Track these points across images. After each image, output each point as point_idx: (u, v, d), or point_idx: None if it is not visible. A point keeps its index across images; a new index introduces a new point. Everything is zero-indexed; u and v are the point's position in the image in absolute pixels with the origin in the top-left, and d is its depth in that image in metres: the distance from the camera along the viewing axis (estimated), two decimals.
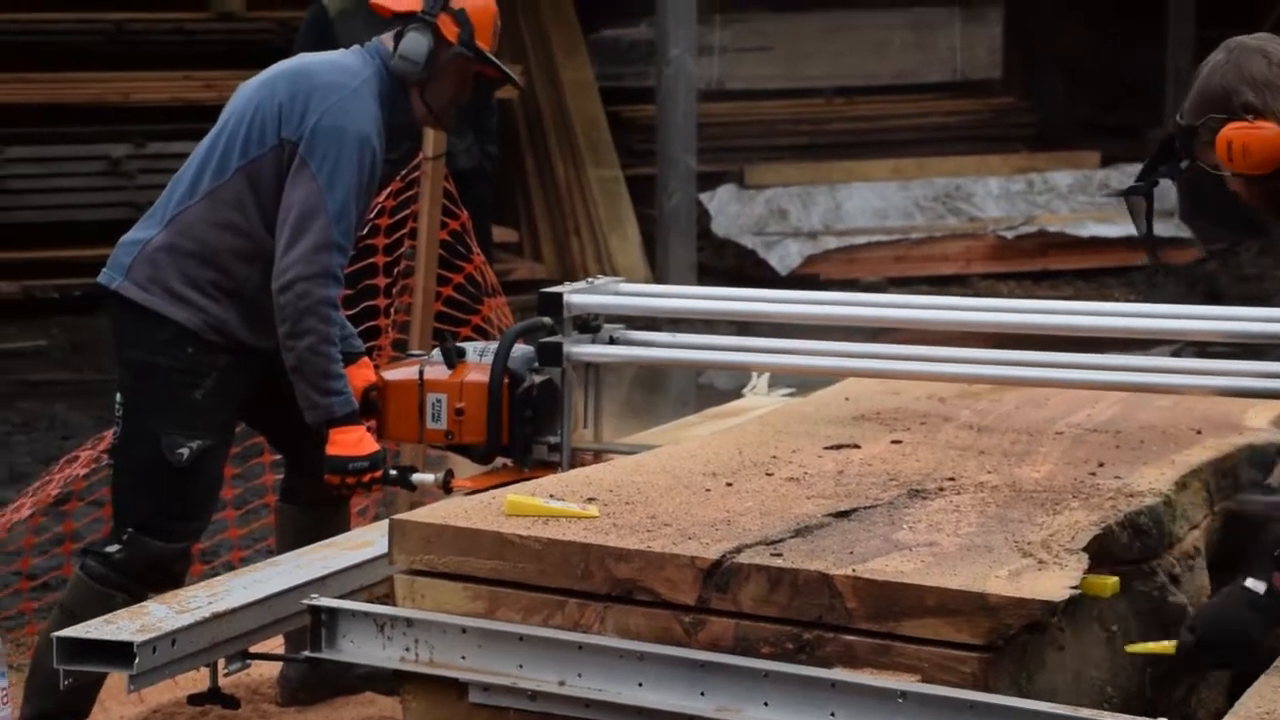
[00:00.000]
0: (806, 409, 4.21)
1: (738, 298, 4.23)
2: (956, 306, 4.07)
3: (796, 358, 4.07)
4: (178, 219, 3.99)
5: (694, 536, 3.07)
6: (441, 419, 4.03)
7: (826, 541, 3.05)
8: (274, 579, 3.52)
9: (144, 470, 3.94)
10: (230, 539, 5.58)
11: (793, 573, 2.90)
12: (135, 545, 3.94)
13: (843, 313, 4.06)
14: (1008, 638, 2.79)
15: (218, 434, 3.99)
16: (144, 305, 3.96)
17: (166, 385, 3.93)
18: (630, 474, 3.52)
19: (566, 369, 4.06)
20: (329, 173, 3.89)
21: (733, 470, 3.55)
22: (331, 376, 3.92)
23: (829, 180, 11.53)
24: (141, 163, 10.14)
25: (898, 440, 3.80)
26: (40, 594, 5.36)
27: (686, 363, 4.41)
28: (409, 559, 3.17)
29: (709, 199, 11.26)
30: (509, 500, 3.23)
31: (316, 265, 3.88)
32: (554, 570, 3.05)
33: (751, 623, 2.92)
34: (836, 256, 11.25)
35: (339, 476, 3.97)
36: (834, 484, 3.43)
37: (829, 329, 4.06)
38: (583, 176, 11.06)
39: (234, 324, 3.99)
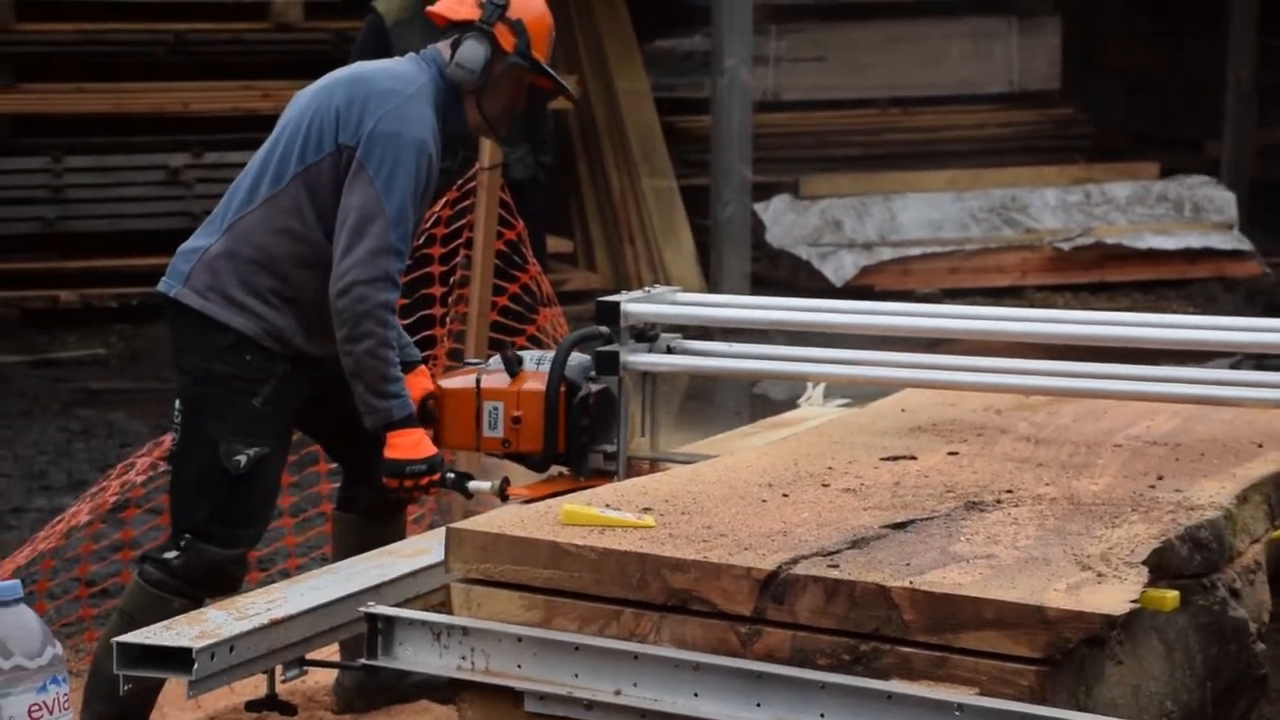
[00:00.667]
0: (862, 420, 4.20)
1: (794, 308, 4.22)
2: (1014, 317, 4.04)
3: (852, 368, 4.06)
4: (236, 226, 4.01)
5: (750, 547, 3.06)
6: (498, 427, 4.04)
7: (883, 553, 3.04)
8: (331, 586, 3.53)
9: (202, 477, 3.96)
10: (286, 547, 5.61)
11: (849, 584, 2.89)
12: (193, 551, 3.96)
13: (899, 323, 4.04)
14: (1066, 651, 2.77)
15: (275, 441, 4.01)
16: (203, 312, 3.98)
17: (225, 392, 3.96)
18: (686, 484, 3.52)
19: (623, 378, 4.06)
20: (386, 177, 3.91)
21: (789, 481, 3.54)
22: (389, 380, 3.93)
23: (884, 191, 11.50)
24: (199, 172, 10.21)
25: (954, 452, 3.78)
26: (99, 600, 5.40)
27: (744, 373, 4.41)
28: (465, 568, 3.17)
29: (763, 209, 11.25)
30: (565, 509, 3.23)
31: (374, 269, 3.89)
32: (610, 580, 3.05)
33: (808, 634, 2.91)
34: (891, 268, 11.22)
35: (397, 479, 3.98)
36: (890, 495, 3.42)
37: (884, 340, 4.05)
38: (637, 186, 11.07)
39: (292, 331, 4.01)
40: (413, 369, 4.13)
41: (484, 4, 4.10)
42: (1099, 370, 3.86)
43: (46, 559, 4.92)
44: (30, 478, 7.27)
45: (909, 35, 11.90)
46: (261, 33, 10.34)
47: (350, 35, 9.23)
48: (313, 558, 5.72)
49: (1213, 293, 11.14)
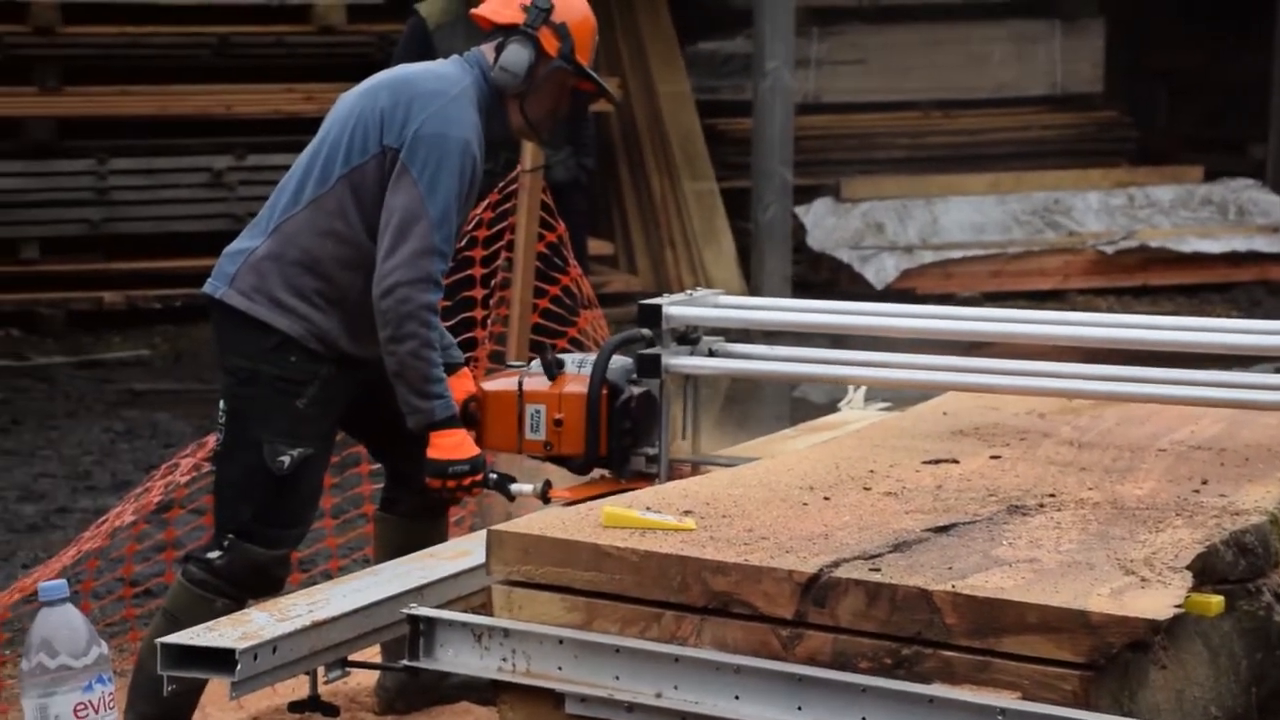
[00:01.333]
0: (904, 423, 4.19)
1: (835, 311, 4.21)
2: (1056, 321, 4.03)
3: (893, 371, 4.05)
4: (281, 228, 4.02)
5: (791, 550, 3.06)
6: (540, 430, 4.04)
7: (925, 557, 3.03)
8: (373, 588, 3.55)
9: (246, 477, 3.98)
10: (328, 548, 5.62)
11: (891, 588, 2.88)
12: (236, 551, 3.98)
13: (940, 326, 4.03)
14: (1110, 656, 2.76)
15: (319, 442, 4.02)
16: (248, 314, 4.00)
17: (269, 393, 3.97)
18: (727, 487, 3.52)
19: (665, 381, 4.06)
20: (430, 178, 3.92)
21: (830, 484, 3.53)
22: (432, 380, 3.94)
23: (926, 194, 11.47)
24: (242, 174, 10.26)
25: (997, 455, 3.77)
26: (143, 600, 5.42)
27: (786, 376, 4.40)
28: (506, 570, 3.18)
29: (804, 212, 11.24)
30: (606, 512, 3.23)
31: (418, 270, 3.90)
32: (651, 582, 3.05)
33: (849, 637, 2.91)
34: (933, 271, 11.19)
35: (440, 480, 3.99)
36: (932, 499, 3.41)
37: (926, 343, 4.04)
38: (678, 189, 11.07)
39: (337, 333, 4.02)
40: (456, 371, 4.14)
41: (528, 8, 4.10)
42: (1142, 374, 3.84)
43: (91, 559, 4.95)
44: (75, 478, 7.32)
45: (951, 38, 11.87)
46: (304, 35, 10.39)
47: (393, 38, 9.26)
48: (354, 559, 5.74)
49: (1257, 297, 11.07)
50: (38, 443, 7.85)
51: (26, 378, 9.10)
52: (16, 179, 9.97)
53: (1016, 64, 11.95)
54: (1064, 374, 3.93)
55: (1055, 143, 12.00)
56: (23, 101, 9.96)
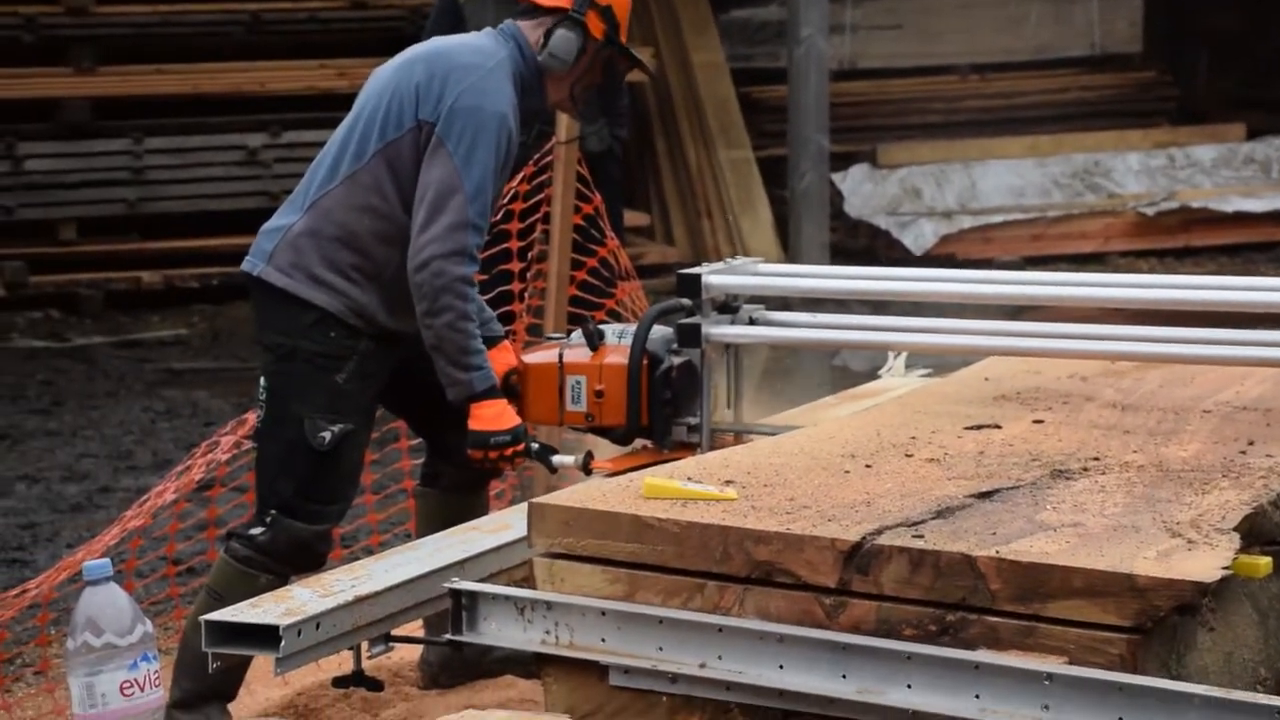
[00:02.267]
0: (945, 389, 4.18)
1: (874, 277, 4.20)
2: (1098, 283, 4.01)
3: (935, 337, 4.03)
4: (318, 204, 4.03)
5: (834, 518, 3.06)
6: (581, 401, 4.05)
7: (969, 523, 3.02)
8: (414, 563, 3.55)
9: (287, 453, 3.99)
10: (369, 524, 5.64)
11: (935, 554, 2.88)
12: (279, 527, 4.00)
13: (980, 290, 4.01)
14: (1157, 619, 2.75)
15: (359, 418, 4.03)
16: (286, 290, 4.01)
17: (309, 369, 3.98)
18: (768, 456, 3.51)
19: (705, 350, 4.06)
20: (465, 152, 3.91)
21: (871, 451, 3.53)
22: (470, 352, 3.95)
23: (964, 158, 11.41)
24: (277, 152, 10.28)
25: (1039, 420, 3.76)
26: (186, 579, 5.45)
27: (827, 343, 4.40)
28: (548, 542, 3.18)
29: (841, 179, 11.20)
30: (646, 483, 3.23)
31: (453, 243, 3.90)
32: (693, 553, 3.05)
33: (893, 605, 2.90)
34: (972, 236, 11.14)
35: (481, 451, 4.00)
36: (975, 465, 3.41)
37: (966, 308, 4.03)
38: (714, 158, 11.04)
39: (375, 307, 4.03)
40: (496, 344, 4.14)
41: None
42: (1186, 335, 3.82)
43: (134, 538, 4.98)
44: (117, 458, 7.36)
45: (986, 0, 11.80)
46: (337, 10, 10.39)
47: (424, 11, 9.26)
48: (395, 534, 5.75)
49: None
50: (79, 423, 7.90)
51: (66, 359, 9.15)
52: (53, 160, 10.02)
53: (1054, 25, 11.86)
54: (1106, 336, 3.91)
55: (1094, 104, 11.91)
56: (58, 82, 10.00)
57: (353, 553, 5.52)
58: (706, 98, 11.10)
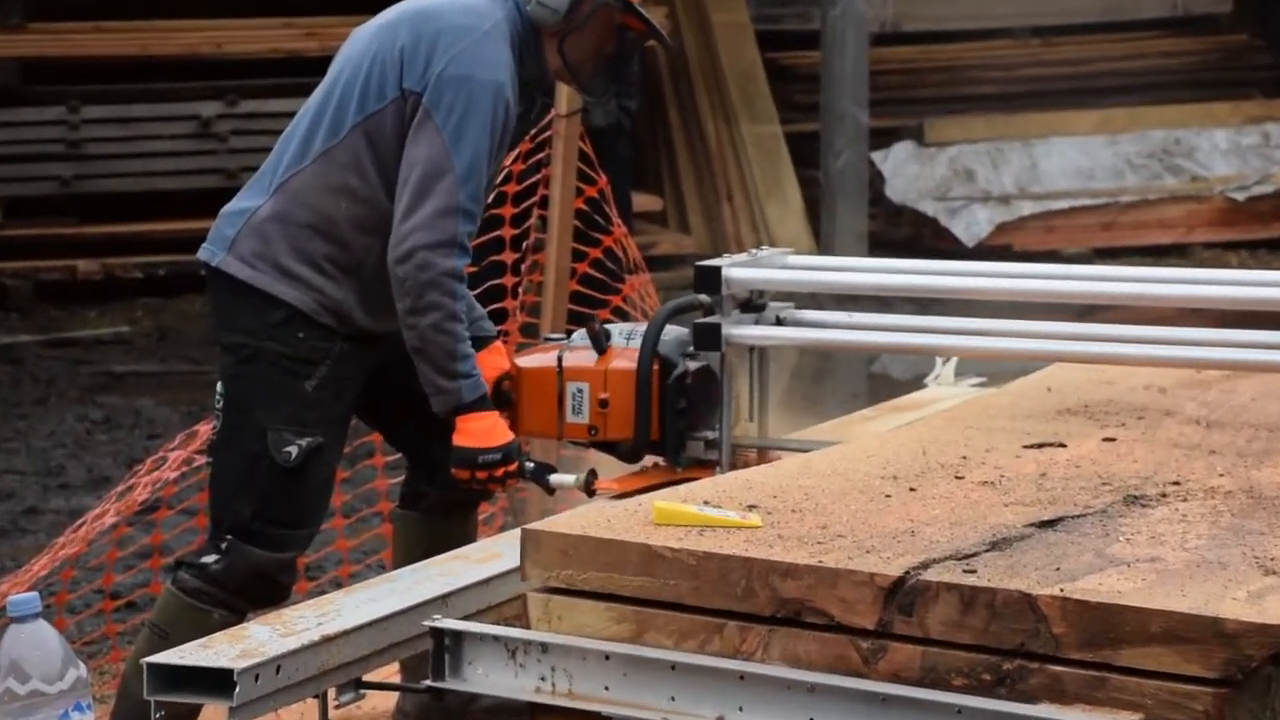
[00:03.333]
0: (1001, 401, 4.18)
1: (920, 271, 4.21)
2: (1179, 279, 4.01)
3: (989, 340, 4.04)
4: (287, 185, 4.04)
5: (873, 550, 3.06)
6: (583, 411, 4.05)
7: (1028, 556, 3.03)
8: (390, 597, 3.56)
9: (246, 470, 3.99)
10: (338, 552, 5.66)
11: (989, 592, 2.88)
12: (235, 554, 4.00)
13: (1043, 287, 4.02)
14: (1248, 670, 2.75)
15: (330, 430, 4.04)
16: (250, 283, 4.01)
17: (274, 374, 3.99)
18: (797, 477, 3.52)
19: (726, 353, 4.07)
20: (456, 126, 3.92)
21: (916, 473, 3.54)
22: (458, 357, 3.96)
23: (1024, 135, 11.43)
24: (234, 123, 10.31)
25: (1111, 438, 3.76)
26: (126, 615, 5.46)
27: (863, 346, 4.41)
28: (544, 575, 3.19)
29: (882, 159, 11.22)
30: (657, 507, 3.24)
31: (441, 232, 3.91)
32: (710, 588, 3.06)
33: (941, 650, 2.91)
34: (1033, 224, 11.16)
35: (468, 470, 4.00)
36: (1036, 489, 3.41)
37: (1026, 307, 4.03)
38: (736, 134, 11.07)
39: (351, 305, 4.03)
40: (486, 345, 4.15)
41: None
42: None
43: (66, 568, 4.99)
44: (47, 474, 7.38)
45: None
46: None
47: None
48: (368, 564, 5.76)
49: None
50: (3, 434, 7.92)
51: None
52: None
53: None
54: (1189, 341, 3.91)
55: (1175, 73, 11.92)
56: None
57: (319, 585, 5.53)
58: (728, 64, 11.12)
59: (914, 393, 5.11)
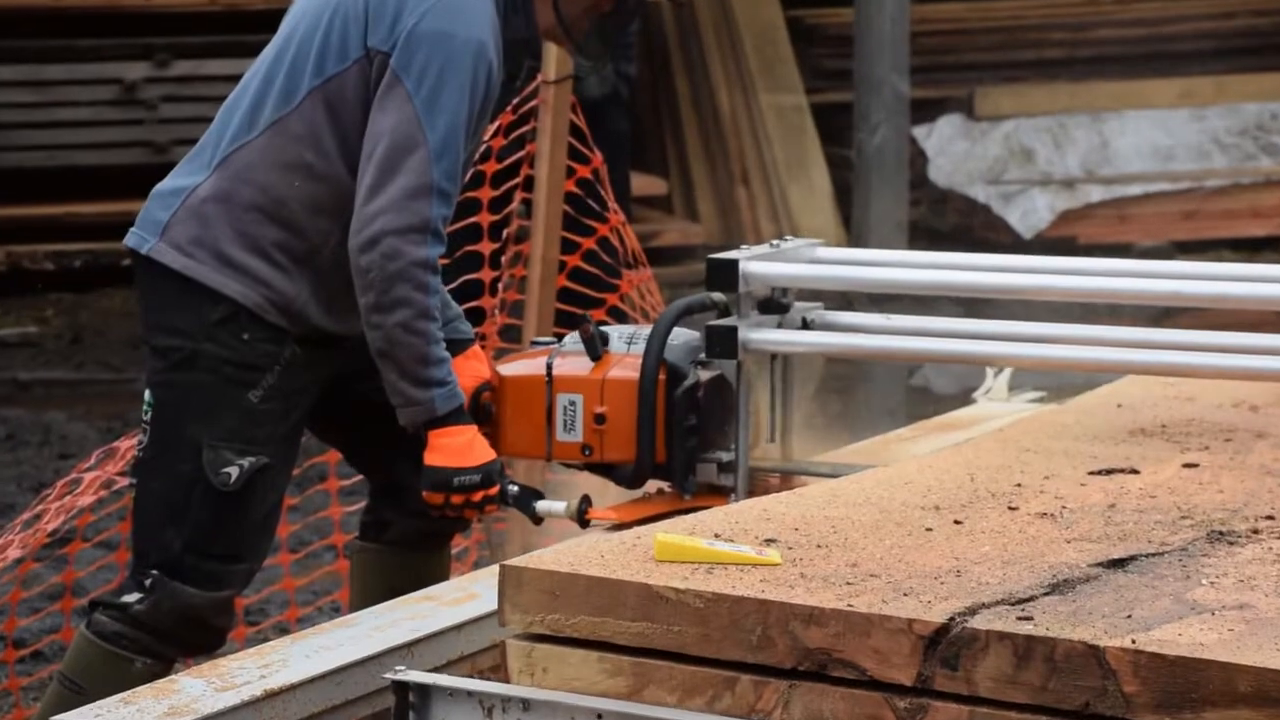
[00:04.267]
0: (1063, 419, 4.20)
1: (971, 267, 4.22)
2: (1276, 278, 4.02)
3: (1049, 348, 4.05)
4: (231, 160, 4.06)
5: (911, 592, 3.08)
6: (576, 428, 4.07)
7: (1095, 601, 3.04)
8: (347, 645, 3.57)
9: (178, 494, 4.01)
10: (284, 592, 5.67)
11: (1048, 643, 2.90)
12: (162, 593, 4.02)
13: (1115, 286, 4.03)
14: None
15: (278, 448, 4.06)
16: (186, 275, 4.03)
17: (214, 382, 4.00)
18: (822, 506, 3.54)
19: (744, 361, 4.08)
20: (430, 92, 3.94)
21: (962, 503, 3.55)
22: (431, 362, 3.97)
23: (1091, 108, 11.44)
24: (165, 88, 10.33)
25: (1192, 463, 3.78)
26: (32, 666, 5.47)
27: (904, 354, 4.42)
28: (526, 619, 3.20)
29: (926, 135, 11.25)
30: (660, 541, 3.25)
31: (411, 215, 3.93)
32: (721, 636, 3.07)
33: (991, 710, 2.92)
34: (1102, 213, 11.18)
35: (442, 494, 4.02)
36: (1103, 522, 3.43)
37: (1094, 309, 4.05)
38: (754, 106, 11.08)
39: (305, 301, 4.05)
40: (463, 349, 4.17)
41: None
42: None
43: None
44: None
45: None
46: None
47: None
48: (320, 607, 5.77)
49: None
50: None
51: None
52: None
53: None
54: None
55: (1272, 36, 11.94)
56: None
57: (261, 631, 5.54)
58: (745, 23, 11.14)
59: (961, 409, 5.12)
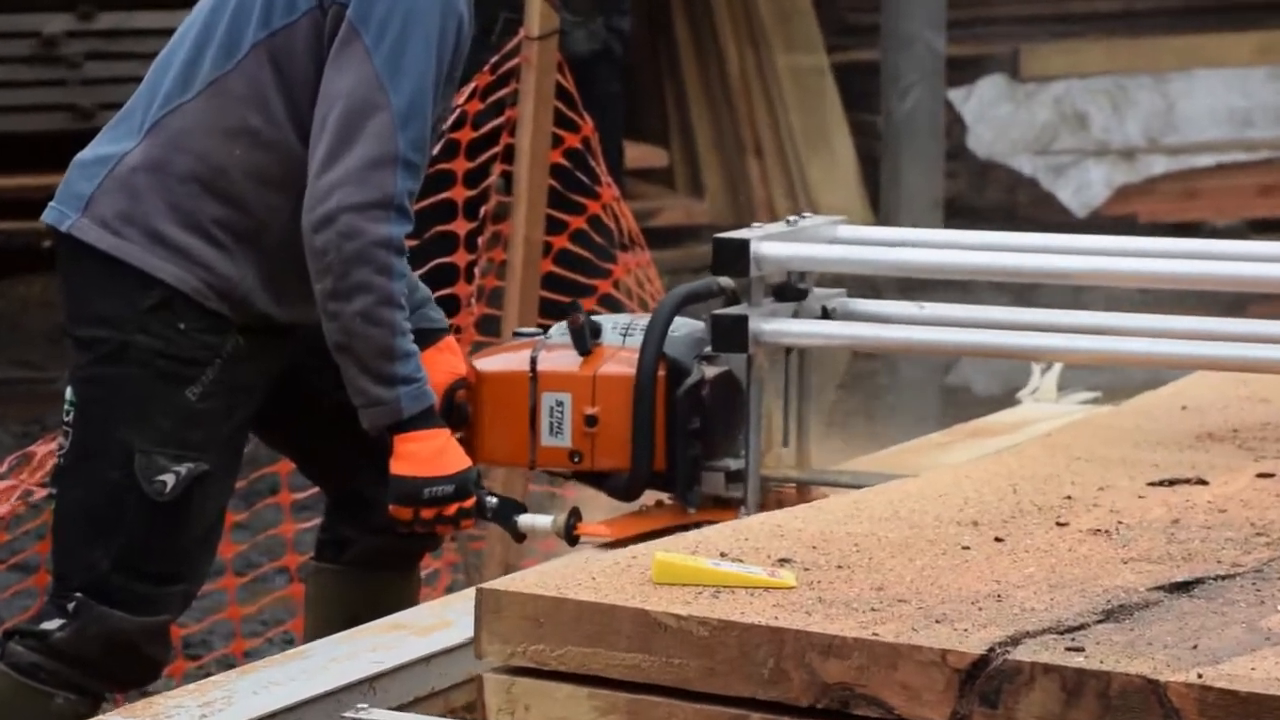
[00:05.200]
0: (1120, 423, 4.21)
1: (1016, 248, 4.22)
2: None
3: (1104, 340, 4.06)
4: (164, 125, 4.05)
5: (945, 619, 3.09)
6: (564, 432, 4.07)
7: (1155, 629, 3.05)
8: (300, 679, 3.57)
9: (105, 506, 4.01)
10: (229, 621, 5.67)
11: (1102, 677, 2.91)
12: (87, 618, 4.01)
13: (1181, 270, 4.03)
14: None
15: (220, 454, 4.05)
16: (114, 256, 4.03)
17: (146, 378, 4.00)
18: (845, 522, 3.54)
19: (755, 356, 4.09)
20: (391, 48, 3.94)
21: (1004, 518, 3.56)
22: (397, 356, 3.96)
23: (1154, 68, 11.44)
24: (88, 43, 10.32)
25: (1268, 473, 3.78)
26: None
27: (938, 348, 4.42)
28: (506, 649, 3.21)
29: (964, 99, 11.24)
30: (659, 561, 3.26)
31: (372, 188, 3.93)
32: (729, 669, 3.07)
33: None
34: (1167, 186, 11.18)
35: (410, 507, 4.01)
36: (1166, 540, 3.43)
37: (1157, 297, 4.05)
38: (767, 65, 11.08)
39: (250, 285, 4.05)
40: (434, 341, 4.17)
41: None
42: None
43: None
44: None
45: None
46: None
47: None
48: (271, 638, 5.78)
49: None
50: None
51: None
52: None
53: None
54: None
55: None
56: None
57: (203, 666, 5.54)
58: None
59: (1003, 411, 5.13)
